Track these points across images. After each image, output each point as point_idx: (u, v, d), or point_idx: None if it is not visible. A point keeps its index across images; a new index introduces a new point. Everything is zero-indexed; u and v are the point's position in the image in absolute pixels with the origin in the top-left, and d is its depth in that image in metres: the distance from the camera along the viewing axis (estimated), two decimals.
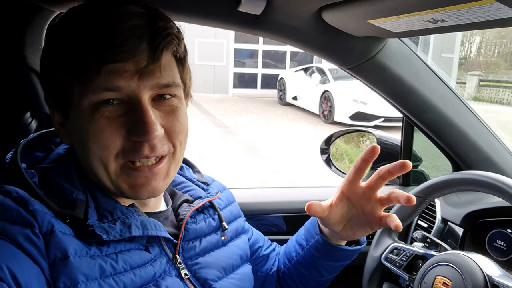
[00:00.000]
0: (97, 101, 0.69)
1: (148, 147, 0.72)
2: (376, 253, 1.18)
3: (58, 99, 0.75)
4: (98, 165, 0.72)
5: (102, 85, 0.68)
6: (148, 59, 0.69)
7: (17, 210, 0.65)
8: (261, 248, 1.13)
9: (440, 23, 0.83)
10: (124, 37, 0.67)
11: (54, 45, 0.73)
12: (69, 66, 0.70)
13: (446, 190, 1.12)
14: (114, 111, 0.70)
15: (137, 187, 0.74)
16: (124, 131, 0.70)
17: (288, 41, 1.15)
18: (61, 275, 0.64)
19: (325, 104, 10.83)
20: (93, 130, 0.69)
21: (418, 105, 1.33)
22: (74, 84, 0.70)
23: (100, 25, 0.68)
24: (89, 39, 0.68)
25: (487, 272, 0.94)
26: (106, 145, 0.70)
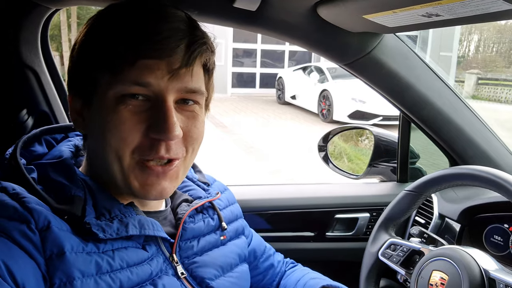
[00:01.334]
0: (124, 93, 0.70)
1: (165, 147, 0.72)
2: (373, 249, 1.18)
3: (83, 86, 0.75)
4: (112, 158, 0.72)
5: (133, 79, 0.69)
6: (182, 61, 0.71)
7: (14, 206, 0.65)
8: (259, 259, 1.11)
9: (434, 17, 0.83)
10: (164, 36, 0.69)
11: (92, 33, 0.74)
12: (104, 55, 0.71)
13: (442, 185, 1.12)
14: (138, 106, 0.71)
15: (147, 185, 0.74)
16: (144, 127, 0.71)
17: (284, 37, 1.15)
18: (57, 271, 0.63)
19: (324, 103, 10.83)
20: (114, 121, 0.70)
21: (415, 101, 1.33)
22: (104, 73, 0.71)
23: (141, 21, 0.71)
24: (129, 32, 0.70)
25: (483, 266, 0.94)
26: (124, 138, 0.70)
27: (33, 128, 0.95)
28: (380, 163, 1.75)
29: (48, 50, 1.22)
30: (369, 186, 1.74)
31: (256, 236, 1.14)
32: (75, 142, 0.86)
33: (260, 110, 12.59)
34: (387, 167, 1.75)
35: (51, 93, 1.22)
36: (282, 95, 13.81)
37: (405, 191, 1.19)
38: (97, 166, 0.77)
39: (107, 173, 0.74)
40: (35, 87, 1.10)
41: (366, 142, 2.11)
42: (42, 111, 1.09)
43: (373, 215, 1.58)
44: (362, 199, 1.61)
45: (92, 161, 0.79)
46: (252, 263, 1.08)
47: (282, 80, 13.79)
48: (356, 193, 1.65)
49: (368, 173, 1.76)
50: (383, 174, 1.76)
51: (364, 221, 1.57)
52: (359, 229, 1.57)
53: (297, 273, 1.13)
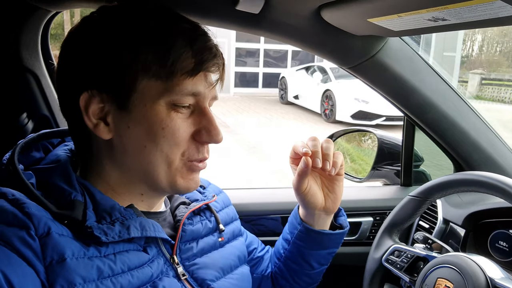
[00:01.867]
0: (176, 102, 0.74)
1: (207, 149, 0.81)
2: (377, 255, 1.17)
3: (117, 90, 0.72)
4: (161, 161, 0.76)
5: (190, 89, 0.74)
6: (219, 74, 0.80)
7: (13, 212, 0.64)
8: (256, 250, 1.14)
9: (441, 21, 0.82)
10: (214, 51, 0.77)
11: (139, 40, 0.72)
12: (159, 65, 0.72)
13: (447, 191, 1.10)
14: (186, 113, 0.76)
15: (190, 180, 0.80)
16: (191, 132, 0.77)
17: (287, 40, 1.14)
18: (58, 278, 0.63)
19: (327, 103, 10.82)
20: (170, 127, 0.74)
21: (420, 105, 1.32)
22: (156, 81, 0.72)
23: (194, 34, 0.76)
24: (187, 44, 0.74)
25: (489, 274, 0.93)
26: (177, 142, 0.75)
27: (33, 131, 0.94)
28: (384, 166, 1.73)
29: (49, 53, 1.20)
30: (372, 189, 1.72)
31: (249, 233, 1.17)
32: (71, 147, 0.86)
33: (262, 110, 12.59)
34: (390, 170, 1.73)
35: (52, 96, 1.21)
36: (284, 95, 13.81)
37: (409, 197, 1.17)
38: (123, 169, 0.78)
39: (147, 175, 0.77)
40: (35, 90, 1.09)
41: (369, 142, 2.09)
42: (42, 115, 1.09)
43: (376, 219, 1.56)
44: (365, 203, 1.59)
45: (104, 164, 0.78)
46: (251, 254, 1.11)
47: (285, 80, 13.80)
48: (359, 196, 1.63)
49: (372, 176, 1.74)
50: (386, 178, 1.75)
51: (368, 225, 1.56)
52: (362, 233, 1.56)
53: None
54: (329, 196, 1.02)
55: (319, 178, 1.03)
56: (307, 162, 0.93)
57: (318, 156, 0.94)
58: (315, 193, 1.00)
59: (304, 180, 0.98)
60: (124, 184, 0.80)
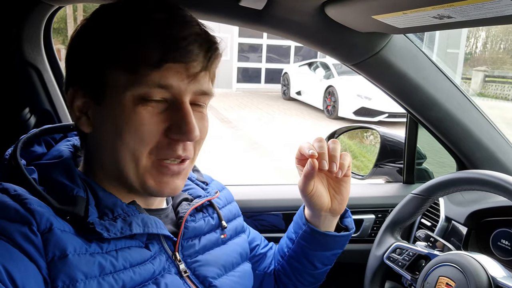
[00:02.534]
0: (144, 95, 0.70)
1: (182, 147, 0.74)
2: (379, 252, 1.17)
3: (90, 83, 0.73)
4: (128, 158, 0.72)
5: (157, 81, 0.69)
6: (202, 66, 0.73)
7: (15, 208, 0.64)
8: (258, 247, 1.14)
9: (446, 19, 0.81)
10: (189, 41, 0.71)
11: (107, 32, 0.72)
12: (124, 56, 0.70)
13: (450, 189, 1.10)
14: (156, 107, 0.71)
15: (163, 183, 0.75)
16: (163, 128, 0.72)
17: (290, 36, 1.13)
18: (59, 274, 0.63)
19: (329, 99, 10.79)
20: (133, 122, 0.70)
21: (423, 102, 1.31)
22: (121, 73, 0.70)
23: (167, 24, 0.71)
24: (156, 35, 0.70)
25: (491, 273, 0.92)
26: (143, 139, 0.71)
27: (35, 126, 0.94)
28: (386, 163, 1.73)
29: (51, 48, 1.20)
30: (374, 187, 1.72)
31: (252, 230, 1.17)
32: (74, 142, 0.86)
33: (265, 105, 12.58)
34: (393, 167, 1.73)
35: (54, 91, 1.21)
36: (287, 91, 13.78)
37: (412, 194, 1.17)
38: (103, 166, 0.77)
39: (119, 172, 0.74)
40: (37, 85, 1.09)
41: (371, 138, 2.09)
42: (44, 110, 1.08)
43: (378, 216, 1.56)
44: (367, 200, 1.59)
45: (93, 160, 0.79)
46: (253, 251, 1.11)
47: (288, 76, 13.76)
48: (361, 194, 1.63)
49: (374, 174, 1.74)
50: (389, 175, 1.75)
51: (369, 223, 1.56)
52: (364, 230, 1.56)
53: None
54: (335, 198, 1.01)
55: (325, 179, 1.02)
56: (314, 164, 0.92)
57: (325, 158, 0.92)
58: (321, 194, 0.99)
59: (310, 182, 0.97)
60: (109, 181, 0.78)
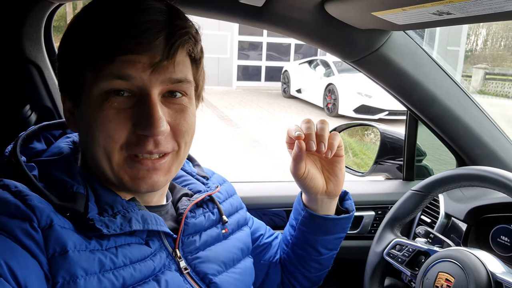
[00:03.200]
0: (107, 90, 0.69)
1: (153, 142, 0.71)
2: (378, 249, 1.17)
3: (71, 86, 0.75)
4: (102, 155, 0.72)
5: (114, 73, 0.68)
6: (162, 54, 0.69)
7: (16, 204, 0.64)
8: (262, 236, 1.13)
9: (445, 15, 0.81)
10: (141, 30, 0.68)
11: (73, 33, 0.74)
12: (85, 53, 0.70)
13: (449, 186, 1.10)
14: (123, 103, 0.70)
15: (138, 179, 0.73)
16: (130, 124, 0.70)
17: (290, 33, 1.13)
18: (60, 270, 0.63)
19: (329, 97, 10.78)
20: (100, 119, 0.69)
21: (423, 99, 1.31)
22: (87, 71, 0.70)
23: (119, 16, 0.69)
24: (107, 28, 0.69)
25: (490, 269, 0.93)
26: (111, 135, 0.70)
27: (36, 123, 0.94)
28: (386, 160, 1.73)
29: (52, 45, 1.21)
30: (374, 184, 1.72)
31: (256, 220, 1.16)
32: (74, 139, 0.86)
33: (265, 103, 12.56)
34: (393, 164, 1.73)
35: (54, 88, 1.21)
36: (287, 89, 13.77)
37: (411, 191, 1.17)
38: (91, 163, 0.77)
39: (99, 169, 0.74)
40: (38, 82, 1.09)
41: (371, 136, 2.09)
42: (45, 107, 1.09)
43: (378, 213, 1.56)
44: (367, 197, 1.59)
45: (86, 158, 0.79)
46: (257, 240, 1.10)
47: (288, 74, 13.74)
48: (361, 191, 1.63)
49: (374, 171, 1.74)
50: (389, 172, 1.75)
51: (369, 220, 1.56)
52: (364, 227, 1.56)
53: None
54: (330, 180, 0.99)
55: (318, 161, 1.00)
56: (301, 145, 0.89)
57: (312, 138, 0.89)
58: (314, 177, 0.97)
59: (300, 165, 0.94)
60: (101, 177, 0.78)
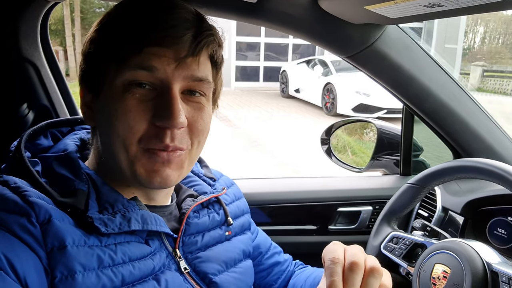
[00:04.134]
0: (131, 80, 0.71)
1: (170, 135, 0.72)
2: (376, 242, 1.18)
3: (93, 78, 0.76)
4: (119, 146, 0.72)
5: (138, 63, 0.70)
6: (188, 50, 0.72)
7: (14, 199, 0.65)
8: (263, 255, 1.09)
9: (437, 7, 0.82)
10: (170, 24, 0.71)
11: (103, 27, 0.76)
12: (112, 45, 0.72)
13: (445, 178, 1.11)
14: (145, 94, 0.71)
15: (153, 172, 0.73)
16: (150, 116, 0.71)
17: (285, 29, 1.13)
18: (58, 264, 0.63)
19: (328, 96, 10.78)
20: (121, 109, 0.70)
21: (418, 94, 1.32)
22: (112, 62, 0.72)
23: (150, 11, 0.72)
24: (137, 21, 0.71)
25: (486, 259, 0.93)
26: (131, 126, 0.71)
27: (33, 122, 0.95)
28: (383, 156, 1.74)
29: (48, 44, 1.21)
30: (371, 179, 1.73)
31: (262, 233, 1.13)
32: (81, 136, 0.87)
33: (263, 103, 12.56)
34: (390, 160, 1.74)
35: (52, 87, 1.21)
36: (286, 89, 13.76)
37: (407, 184, 1.18)
38: (105, 157, 0.77)
39: (114, 162, 0.74)
40: (35, 81, 1.10)
41: (371, 135, 2.10)
42: (42, 105, 1.09)
43: (375, 208, 1.57)
44: (364, 192, 1.60)
45: (99, 153, 0.79)
46: (256, 259, 1.07)
47: (286, 74, 13.74)
48: (359, 186, 1.64)
49: (371, 166, 1.75)
50: (386, 167, 1.76)
51: (367, 214, 1.57)
52: (362, 222, 1.57)
53: (308, 270, 1.11)
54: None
55: None
56: None
57: None
58: None
59: None
60: (110, 174, 0.78)
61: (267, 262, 1.09)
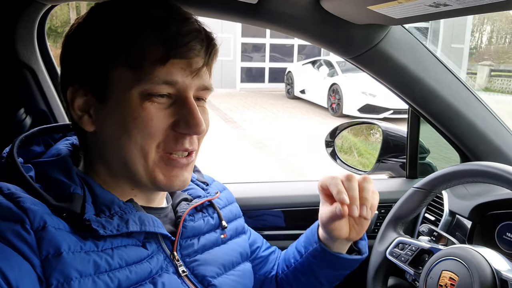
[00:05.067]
0: (150, 91, 0.72)
1: (189, 140, 0.76)
2: (381, 248, 1.15)
3: (92, 81, 0.75)
4: (136, 153, 0.73)
5: (163, 77, 0.71)
6: (204, 61, 0.76)
7: (8, 206, 0.64)
8: (259, 249, 1.13)
9: (442, 7, 0.80)
10: (191, 37, 0.73)
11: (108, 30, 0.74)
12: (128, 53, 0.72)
13: (452, 182, 1.08)
14: (163, 102, 0.73)
15: (173, 177, 0.77)
16: (169, 123, 0.74)
17: (287, 30, 1.11)
18: (54, 271, 0.63)
19: (334, 97, 10.77)
20: (141, 117, 0.72)
21: (424, 95, 1.29)
22: (124, 69, 0.72)
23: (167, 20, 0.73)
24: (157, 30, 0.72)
25: (495, 266, 0.91)
26: (151, 133, 0.73)
27: (31, 127, 0.94)
28: (389, 158, 1.71)
29: (46, 48, 1.20)
30: (377, 182, 1.70)
31: (254, 232, 1.16)
32: (73, 141, 0.86)
33: (269, 105, 12.57)
34: (396, 162, 1.71)
35: (49, 91, 1.20)
36: (291, 90, 13.77)
37: (413, 188, 1.15)
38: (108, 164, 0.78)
39: (126, 169, 0.75)
40: (32, 85, 1.09)
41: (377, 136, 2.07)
42: (40, 110, 1.08)
43: (381, 212, 1.54)
44: None
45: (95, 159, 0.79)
46: (254, 253, 1.10)
47: (291, 75, 13.76)
48: None
49: (377, 169, 1.72)
50: (392, 170, 1.73)
51: (372, 219, 1.54)
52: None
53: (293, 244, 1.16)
54: (354, 228, 0.98)
55: None
56: (343, 211, 0.87)
57: (356, 203, 0.89)
58: (342, 227, 0.96)
59: (334, 223, 0.94)
60: (112, 178, 0.79)
61: (264, 254, 1.13)
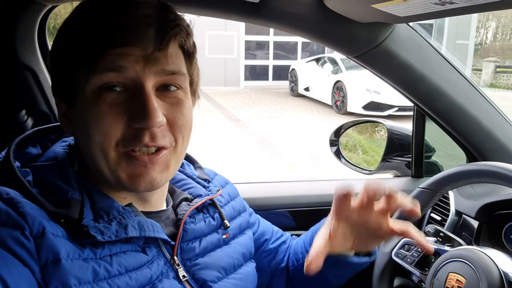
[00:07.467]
0: (100, 85, 0.68)
1: (149, 135, 0.70)
2: (387, 249, 1.14)
3: (65, 88, 0.74)
4: (98, 153, 0.70)
5: (106, 66, 0.68)
6: (154, 46, 0.69)
7: (7, 212, 0.63)
8: (268, 241, 1.09)
9: (448, 5, 0.78)
10: (132, 23, 0.69)
11: (65, 33, 0.74)
12: (77, 51, 0.70)
13: (459, 183, 1.07)
14: (117, 98, 0.69)
15: (136, 177, 0.72)
16: (125, 118, 0.69)
17: (290, 29, 1.10)
18: (52, 278, 0.62)
19: (338, 94, 10.74)
20: (94, 116, 0.69)
21: (429, 94, 1.28)
22: (80, 70, 0.70)
23: (110, 11, 0.70)
24: (98, 23, 0.69)
25: (503, 268, 0.89)
26: (106, 131, 0.69)
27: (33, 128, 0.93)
28: (394, 157, 1.70)
29: (46, 49, 1.19)
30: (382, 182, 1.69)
31: (263, 220, 1.12)
32: (70, 142, 0.85)
33: (273, 102, 12.55)
34: (401, 161, 1.70)
35: (50, 92, 1.17)
36: (295, 87, 13.74)
37: (419, 189, 1.14)
38: (88, 165, 0.75)
39: (97, 170, 0.73)
40: (33, 86, 1.09)
41: (382, 133, 2.06)
42: (41, 111, 1.08)
43: None
44: None
45: (83, 161, 0.78)
46: (262, 246, 1.07)
47: (295, 72, 13.73)
48: None
49: (382, 168, 1.71)
50: (397, 169, 1.71)
51: None
52: None
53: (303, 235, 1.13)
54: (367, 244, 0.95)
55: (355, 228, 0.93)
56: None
57: None
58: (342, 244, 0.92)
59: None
60: (98, 181, 0.77)
61: (273, 246, 1.10)
